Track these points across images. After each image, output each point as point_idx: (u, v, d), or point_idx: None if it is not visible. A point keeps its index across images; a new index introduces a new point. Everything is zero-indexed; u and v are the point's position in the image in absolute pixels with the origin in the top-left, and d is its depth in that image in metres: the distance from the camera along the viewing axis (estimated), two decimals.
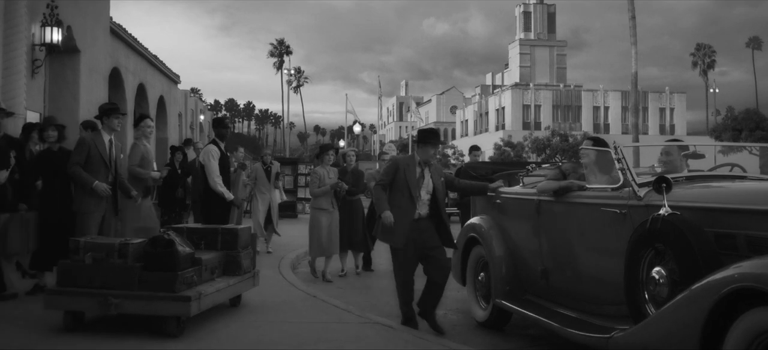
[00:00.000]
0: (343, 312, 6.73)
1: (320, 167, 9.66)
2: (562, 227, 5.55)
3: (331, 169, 9.68)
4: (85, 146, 7.11)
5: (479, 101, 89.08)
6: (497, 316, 6.45)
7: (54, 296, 5.77)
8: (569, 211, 5.44)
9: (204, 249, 6.63)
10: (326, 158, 9.64)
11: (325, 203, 9.47)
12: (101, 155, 7.12)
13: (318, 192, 9.45)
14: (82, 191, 7.03)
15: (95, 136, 7.25)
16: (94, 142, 7.14)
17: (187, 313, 5.63)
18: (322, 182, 9.46)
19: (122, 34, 17.52)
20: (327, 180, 9.48)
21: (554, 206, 5.60)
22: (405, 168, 6.48)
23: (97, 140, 7.19)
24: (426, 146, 6.49)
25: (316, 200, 9.58)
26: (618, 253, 4.65)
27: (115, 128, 7.33)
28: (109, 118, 7.27)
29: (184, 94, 27.71)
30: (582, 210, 5.30)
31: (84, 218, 6.99)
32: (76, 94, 12.60)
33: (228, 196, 8.62)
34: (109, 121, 7.27)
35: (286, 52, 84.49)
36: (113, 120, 7.28)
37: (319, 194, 9.45)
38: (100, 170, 7.11)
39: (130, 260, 5.73)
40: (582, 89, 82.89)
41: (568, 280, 5.49)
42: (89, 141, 7.14)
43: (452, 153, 65.44)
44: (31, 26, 10.70)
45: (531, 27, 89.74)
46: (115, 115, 7.31)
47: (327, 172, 9.58)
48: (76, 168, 7.02)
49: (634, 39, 29.73)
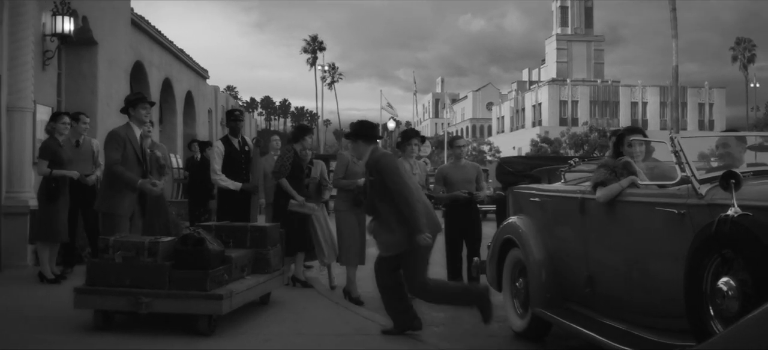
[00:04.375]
0: (366, 322, 6.40)
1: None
2: (610, 229, 5.10)
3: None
4: (120, 141, 6.64)
5: (515, 97, 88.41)
6: (536, 326, 5.97)
7: (84, 295, 5.69)
8: (618, 211, 4.99)
9: (233, 247, 6.53)
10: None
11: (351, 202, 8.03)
12: (135, 151, 6.75)
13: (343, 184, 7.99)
14: (112, 190, 6.67)
15: (127, 129, 6.81)
16: (127, 136, 6.75)
17: (219, 311, 5.57)
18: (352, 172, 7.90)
19: (145, 26, 17.07)
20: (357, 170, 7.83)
21: (601, 206, 5.12)
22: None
23: (129, 134, 6.76)
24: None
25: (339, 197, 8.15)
26: (675, 259, 4.21)
27: (144, 120, 6.92)
28: (136, 109, 6.80)
29: (214, 89, 27.64)
30: (633, 210, 4.85)
31: (115, 220, 6.58)
32: (94, 87, 12.40)
33: (232, 186, 8.36)
34: (136, 112, 6.80)
35: (319, 48, 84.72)
36: (140, 110, 6.81)
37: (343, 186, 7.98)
38: (135, 167, 6.72)
39: (160, 259, 5.66)
40: (620, 84, 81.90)
41: (617, 289, 5.04)
42: (124, 135, 6.70)
43: (489, 150, 65.09)
44: (41, 15, 10.43)
45: (568, 22, 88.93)
46: (142, 105, 6.85)
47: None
48: (118, 167, 6.57)
49: (675, 31, 29.07)
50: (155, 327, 5.78)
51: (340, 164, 7.79)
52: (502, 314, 6.98)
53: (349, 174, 7.70)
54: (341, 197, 7.81)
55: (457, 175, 8.13)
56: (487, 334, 6.54)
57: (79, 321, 5.82)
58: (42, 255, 8.05)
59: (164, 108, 19.90)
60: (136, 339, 5.52)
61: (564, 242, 5.77)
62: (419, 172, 7.82)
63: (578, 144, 54.01)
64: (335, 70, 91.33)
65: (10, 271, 8.66)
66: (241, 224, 7.10)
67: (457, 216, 8.13)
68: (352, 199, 7.67)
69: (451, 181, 8.09)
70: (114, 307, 5.67)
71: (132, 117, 6.83)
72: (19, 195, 9.28)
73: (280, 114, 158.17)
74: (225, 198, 8.41)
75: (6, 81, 9.27)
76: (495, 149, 65.72)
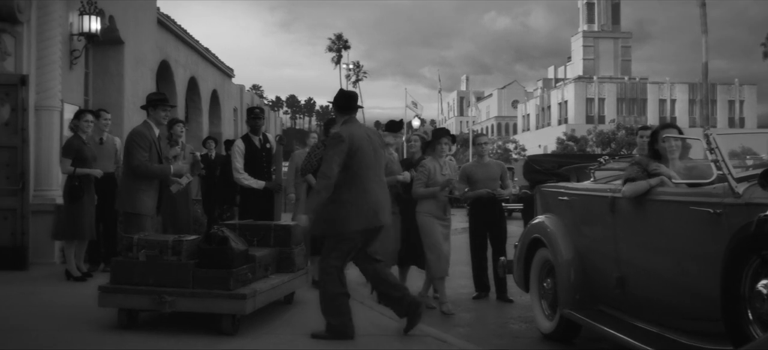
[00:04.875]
0: (391, 322, 6.25)
1: (430, 160, 7.58)
2: (642, 229, 4.94)
3: (447, 163, 7.60)
4: (145, 141, 6.60)
5: (541, 94, 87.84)
6: (565, 328, 5.81)
7: (108, 293, 5.68)
8: (650, 210, 4.83)
9: (257, 246, 6.49)
10: (439, 148, 7.51)
11: (437, 209, 7.40)
12: (158, 151, 6.75)
13: (422, 193, 7.36)
14: (136, 190, 6.61)
15: (149, 129, 6.75)
16: (151, 136, 6.70)
17: (243, 311, 5.53)
18: (434, 180, 7.42)
19: (171, 25, 17.16)
20: (439, 178, 7.40)
21: (632, 205, 4.98)
22: None
23: (151, 134, 6.72)
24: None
25: (422, 204, 7.44)
26: (711, 260, 4.07)
27: (162, 121, 6.90)
28: (155, 109, 6.78)
29: (239, 88, 27.71)
30: (666, 209, 4.69)
31: (140, 219, 6.54)
32: (120, 86, 12.48)
33: (256, 185, 8.37)
34: (155, 112, 6.77)
35: (344, 46, 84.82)
36: (160, 111, 6.79)
37: (425, 195, 7.37)
38: None
39: (183, 258, 5.63)
40: (647, 81, 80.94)
41: (649, 290, 4.90)
42: (148, 135, 6.67)
43: (514, 148, 64.72)
44: (68, 15, 10.52)
45: (594, 19, 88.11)
46: (162, 106, 6.83)
47: (441, 167, 7.53)
48: (145, 166, 6.52)
49: (705, 27, 28.56)
50: (179, 326, 5.75)
51: (420, 175, 7.50)
52: (529, 315, 6.87)
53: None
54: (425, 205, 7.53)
55: (480, 173, 7.99)
56: (513, 336, 6.43)
57: (104, 320, 5.82)
58: (68, 253, 8.09)
59: (190, 107, 20.00)
60: (160, 338, 5.49)
61: (594, 242, 5.62)
62: (449, 172, 7.53)
63: (605, 142, 53.49)
64: (360, 68, 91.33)
65: (38, 268, 8.72)
66: (265, 222, 7.06)
67: (481, 215, 8.03)
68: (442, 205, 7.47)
69: (474, 179, 7.96)
70: (138, 306, 5.65)
71: (150, 116, 6.80)
72: (46, 193, 9.37)
73: (305, 113, 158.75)
74: (248, 197, 8.37)
75: (34, 80, 9.35)
76: (520, 148, 65.34)
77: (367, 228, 5.51)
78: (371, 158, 5.57)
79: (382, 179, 5.76)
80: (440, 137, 7.58)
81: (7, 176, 8.77)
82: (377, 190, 5.59)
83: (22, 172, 8.80)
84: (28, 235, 8.79)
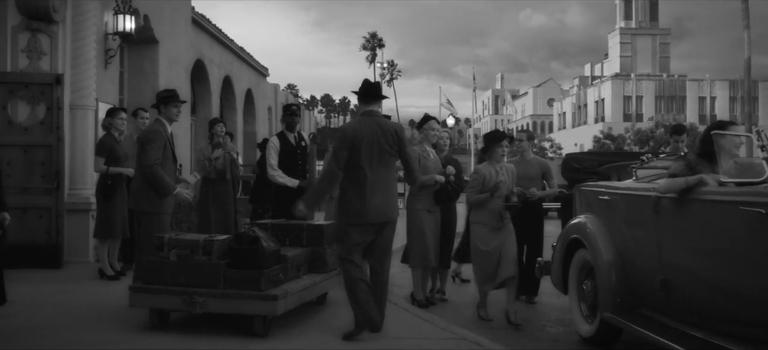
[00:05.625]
0: (425, 324, 6.15)
1: (486, 165, 6.99)
2: (688, 230, 4.71)
3: (504, 167, 7.00)
4: (161, 140, 6.31)
5: (577, 92, 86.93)
6: (605, 331, 5.60)
7: (138, 293, 5.64)
8: (697, 210, 4.60)
9: (289, 246, 6.40)
10: (499, 152, 6.88)
11: (491, 218, 6.79)
12: (172, 149, 6.51)
13: (474, 201, 6.88)
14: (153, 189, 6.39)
15: (163, 127, 6.45)
16: (165, 135, 6.42)
17: (274, 312, 5.44)
18: (489, 185, 6.78)
19: (205, 24, 17.19)
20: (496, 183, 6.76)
21: (678, 205, 4.75)
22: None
23: (165, 131, 6.42)
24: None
25: (476, 213, 6.95)
26: (761, 263, 3.87)
27: (174, 118, 6.59)
28: (167, 106, 6.49)
29: (273, 87, 27.75)
30: (714, 209, 4.45)
31: (162, 218, 6.37)
32: (155, 85, 12.43)
33: (291, 183, 8.25)
34: (167, 110, 6.49)
35: (378, 45, 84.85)
36: (171, 108, 6.50)
37: (476, 202, 6.86)
38: (170, 165, 6.47)
39: (214, 258, 5.56)
40: (687, 78, 79.57)
41: (695, 294, 4.67)
42: (164, 134, 6.38)
43: (550, 146, 64.17)
44: (103, 14, 10.57)
45: (632, 15, 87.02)
46: (173, 103, 6.53)
47: (497, 172, 6.90)
48: (157, 169, 6.23)
49: (747, 22, 27.84)
50: (210, 327, 5.70)
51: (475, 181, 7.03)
52: (567, 318, 6.67)
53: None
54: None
55: (519, 171, 7.49)
56: (551, 339, 6.25)
57: (135, 320, 5.78)
58: (101, 252, 8.10)
59: (225, 105, 20.06)
60: (191, 338, 5.43)
61: (636, 243, 5.41)
62: (508, 177, 6.95)
63: (643, 140, 52.72)
64: (394, 67, 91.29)
65: (72, 267, 8.76)
66: (298, 222, 6.95)
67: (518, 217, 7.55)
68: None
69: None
70: (168, 306, 5.59)
71: (162, 113, 6.52)
72: (81, 192, 9.41)
73: (339, 111, 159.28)
74: (282, 195, 8.28)
75: (69, 79, 9.39)
76: (556, 146, 64.71)
77: (364, 223, 5.49)
78: (375, 154, 5.49)
79: (386, 176, 5.62)
80: (499, 140, 6.89)
81: (43, 174, 8.82)
82: (379, 186, 5.52)
83: (57, 171, 8.84)
84: (62, 234, 8.83)
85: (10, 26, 8.98)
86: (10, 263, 8.15)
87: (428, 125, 7.66)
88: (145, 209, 6.35)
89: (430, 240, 7.34)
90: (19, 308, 6.26)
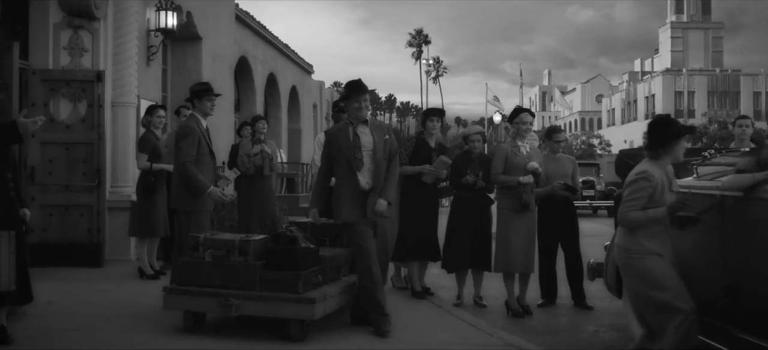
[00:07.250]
0: (470, 329, 5.88)
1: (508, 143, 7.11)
2: (759, 231, 4.33)
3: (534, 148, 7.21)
4: (194, 136, 6.09)
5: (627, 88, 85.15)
6: None
7: (173, 295, 5.48)
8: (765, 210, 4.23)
9: (329, 246, 6.18)
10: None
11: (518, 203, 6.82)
12: (208, 145, 6.29)
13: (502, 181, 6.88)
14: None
15: (198, 123, 6.23)
16: (200, 130, 6.20)
17: (312, 316, 5.20)
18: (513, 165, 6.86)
19: (249, 21, 17.03)
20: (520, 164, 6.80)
21: (746, 204, 4.39)
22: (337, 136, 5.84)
23: (200, 127, 6.21)
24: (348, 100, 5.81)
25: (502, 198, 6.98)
26: None
27: (209, 112, 6.36)
28: (201, 101, 6.28)
29: (319, 84, 27.64)
30: None
31: (201, 216, 6.16)
32: None
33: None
34: (201, 104, 6.28)
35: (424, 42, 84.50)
36: (205, 102, 6.29)
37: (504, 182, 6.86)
38: (207, 161, 6.24)
39: (250, 259, 5.35)
40: (741, 73, 77.33)
41: (766, 302, 4.28)
42: (198, 130, 6.16)
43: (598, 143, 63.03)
44: (145, 11, 10.51)
45: (683, 9, 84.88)
46: (207, 97, 6.32)
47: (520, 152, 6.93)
48: (190, 167, 6.00)
49: None
50: (246, 330, 5.51)
51: (498, 157, 6.94)
52: (620, 323, 6.32)
53: (509, 168, 6.84)
54: (502, 193, 6.99)
55: (551, 168, 7.23)
56: (605, 345, 5.90)
57: (170, 322, 5.62)
58: (140, 250, 8.00)
59: (269, 103, 20.00)
60: (226, 341, 5.26)
61: (697, 245, 5.01)
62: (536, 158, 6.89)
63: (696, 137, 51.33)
64: (440, 64, 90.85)
65: (113, 265, 8.70)
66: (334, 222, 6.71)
67: (552, 215, 7.23)
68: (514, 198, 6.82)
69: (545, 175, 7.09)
70: (203, 309, 5.42)
71: (196, 108, 6.34)
72: (122, 190, 9.37)
73: (385, 109, 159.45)
74: None
75: (110, 76, 9.37)
76: (605, 143, 63.48)
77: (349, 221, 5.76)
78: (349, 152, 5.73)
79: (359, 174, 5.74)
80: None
81: (84, 172, 8.77)
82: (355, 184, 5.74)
83: (98, 168, 8.79)
84: (104, 232, 8.79)
85: (52, 23, 8.97)
86: (51, 261, 8.21)
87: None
88: (185, 207, 6.15)
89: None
90: (54, 308, 6.18)
